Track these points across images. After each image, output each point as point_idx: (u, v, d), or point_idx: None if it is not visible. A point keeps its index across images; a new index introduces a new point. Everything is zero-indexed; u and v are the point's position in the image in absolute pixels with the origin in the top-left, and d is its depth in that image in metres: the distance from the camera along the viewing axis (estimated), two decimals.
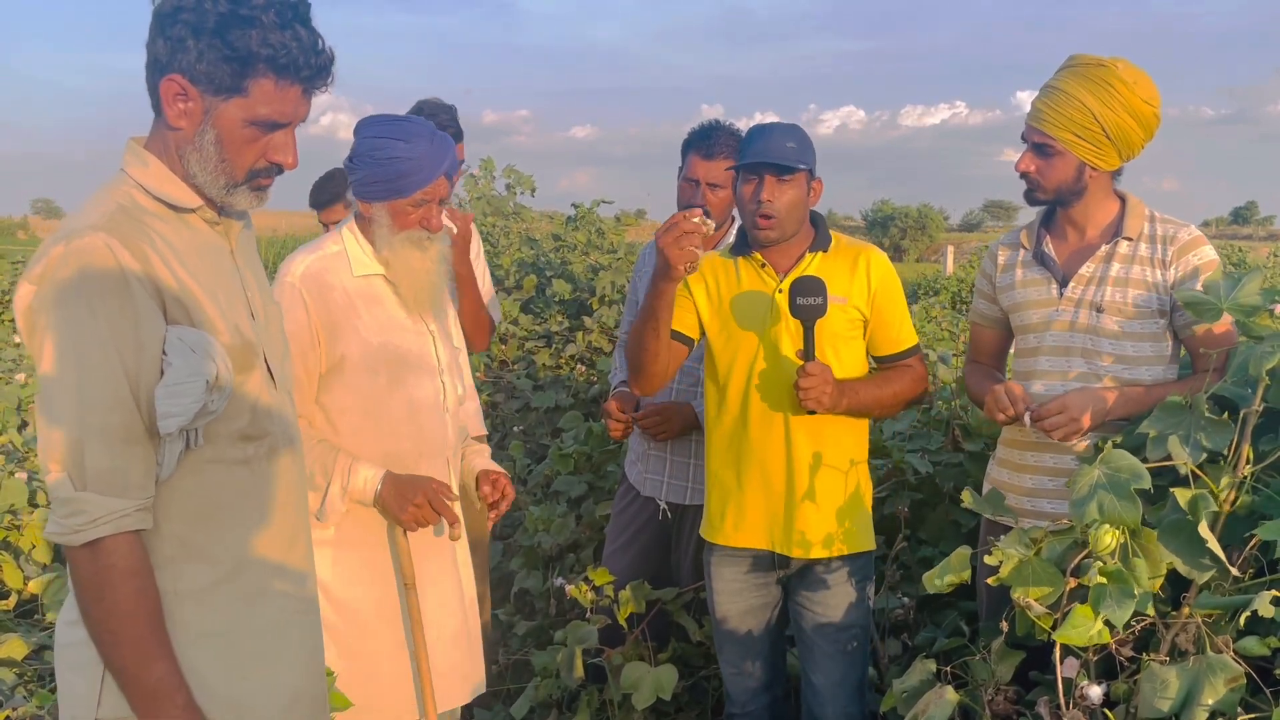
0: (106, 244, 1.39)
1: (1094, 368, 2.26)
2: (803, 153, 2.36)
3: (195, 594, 1.50)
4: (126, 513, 1.40)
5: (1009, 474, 2.40)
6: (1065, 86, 2.22)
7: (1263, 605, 1.51)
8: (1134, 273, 2.26)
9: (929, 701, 1.83)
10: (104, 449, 1.38)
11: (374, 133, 2.21)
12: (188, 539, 1.49)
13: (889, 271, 2.46)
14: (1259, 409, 1.72)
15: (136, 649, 1.41)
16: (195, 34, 1.43)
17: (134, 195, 1.49)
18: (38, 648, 3.15)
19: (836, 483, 2.41)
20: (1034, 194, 2.33)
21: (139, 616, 1.41)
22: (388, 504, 2.19)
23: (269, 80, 1.47)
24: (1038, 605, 1.68)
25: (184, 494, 1.48)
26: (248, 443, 1.55)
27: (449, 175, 2.24)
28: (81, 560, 1.39)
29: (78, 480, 1.37)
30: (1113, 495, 1.66)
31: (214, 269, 1.55)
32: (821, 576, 2.43)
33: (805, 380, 2.24)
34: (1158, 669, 1.58)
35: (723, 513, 2.49)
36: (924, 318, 7.12)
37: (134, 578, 1.41)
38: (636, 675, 2.73)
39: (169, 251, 1.46)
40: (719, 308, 2.47)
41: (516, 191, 6.04)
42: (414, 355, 2.27)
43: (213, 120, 1.48)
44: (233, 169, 1.52)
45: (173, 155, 1.51)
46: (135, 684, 1.42)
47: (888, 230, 49.21)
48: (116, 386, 1.39)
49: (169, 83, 1.46)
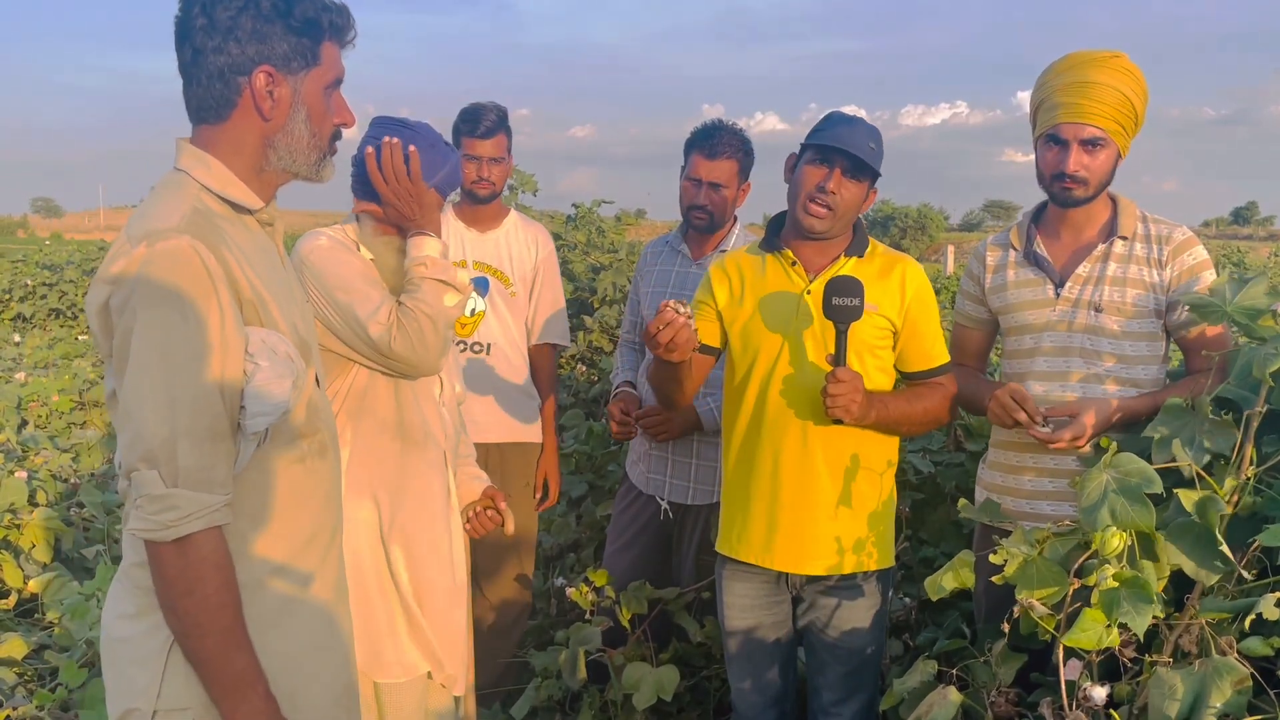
0: (192, 246, 1.42)
1: (1093, 368, 2.25)
2: (878, 157, 2.25)
3: (255, 585, 1.53)
4: (215, 508, 1.43)
5: (1003, 476, 2.37)
6: (1099, 78, 2.18)
7: (1268, 608, 1.50)
8: (1131, 272, 2.25)
9: (932, 702, 1.83)
10: (194, 447, 1.41)
11: (376, 133, 2.22)
12: (248, 533, 1.53)
13: (925, 285, 2.32)
14: (1262, 411, 1.72)
15: (222, 641, 1.44)
16: (269, 21, 1.49)
17: (203, 198, 1.52)
18: (38, 647, 3.15)
19: (856, 497, 2.28)
20: (1075, 194, 2.24)
21: (226, 609, 1.44)
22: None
23: (330, 44, 1.57)
24: (1041, 606, 1.67)
25: (248, 489, 1.52)
26: (303, 440, 1.59)
27: (442, 189, 2.23)
28: (170, 556, 1.41)
29: (169, 477, 1.40)
30: (1124, 499, 1.65)
31: (271, 269, 1.59)
32: (836, 593, 2.32)
33: (834, 386, 2.10)
34: (1164, 674, 1.57)
35: (733, 523, 2.38)
36: None
37: (220, 570, 1.44)
38: (638, 675, 2.73)
39: (240, 254, 1.50)
40: (741, 306, 2.35)
41: (518, 191, 6.03)
42: None
43: (302, 98, 1.55)
44: (321, 140, 1.59)
45: (250, 152, 1.55)
46: (220, 675, 1.45)
47: (888, 230, 49.18)
48: (205, 386, 1.42)
49: (259, 77, 1.50)
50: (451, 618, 2.35)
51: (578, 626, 2.88)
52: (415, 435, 2.26)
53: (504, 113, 3.14)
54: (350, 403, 2.22)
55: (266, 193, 1.61)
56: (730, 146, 2.91)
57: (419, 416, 2.27)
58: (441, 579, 2.31)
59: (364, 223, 2.25)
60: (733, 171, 2.94)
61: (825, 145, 2.22)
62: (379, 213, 2.22)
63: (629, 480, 3.14)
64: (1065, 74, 2.23)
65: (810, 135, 2.28)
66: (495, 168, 3.10)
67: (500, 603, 3.23)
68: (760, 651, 2.42)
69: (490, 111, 3.10)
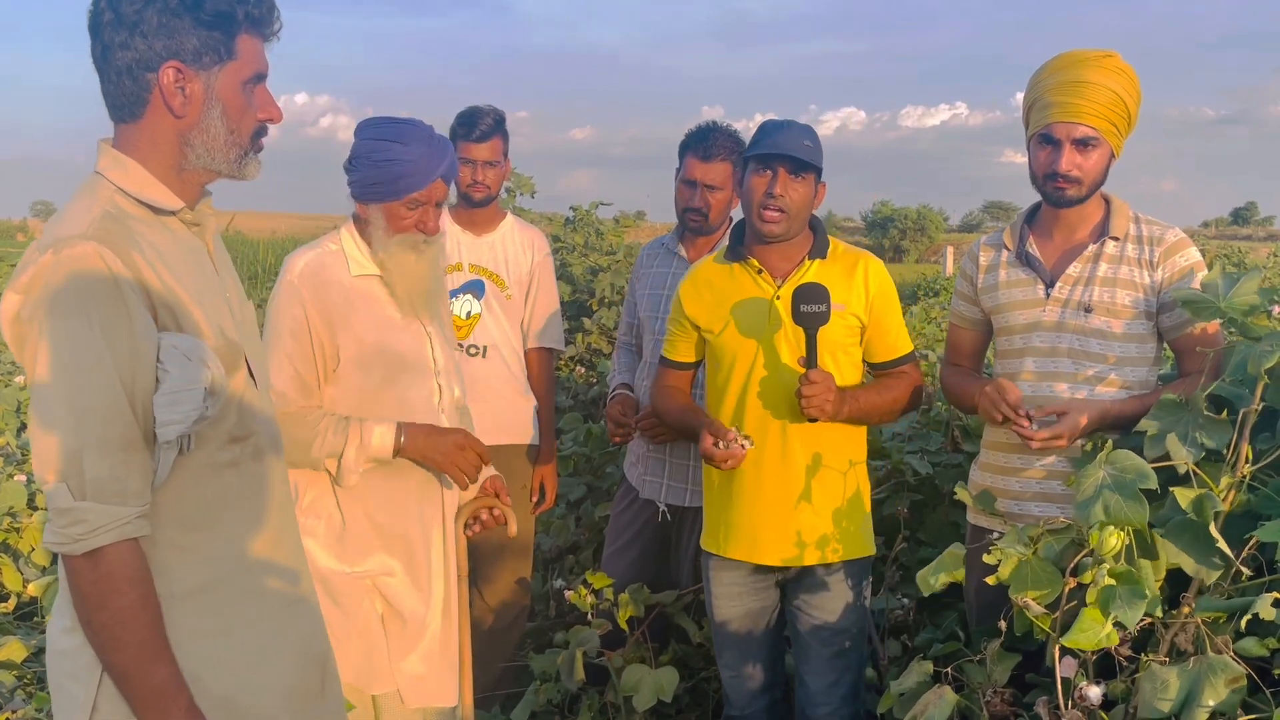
0: (98, 252, 1.38)
1: (1082, 368, 2.25)
2: (816, 152, 2.35)
3: (188, 596, 1.50)
4: (127, 520, 1.39)
5: (993, 477, 2.38)
6: (1091, 77, 2.18)
7: (1264, 608, 1.50)
8: (1121, 273, 2.25)
9: (928, 702, 1.83)
10: (103, 458, 1.37)
11: (372, 134, 2.21)
12: (180, 542, 1.49)
13: (886, 279, 2.44)
14: (1258, 408, 1.72)
15: (140, 654, 1.41)
16: (176, 15, 1.44)
17: (117, 200, 1.48)
18: (37, 650, 3.15)
19: (835, 489, 2.39)
20: (1068, 194, 2.24)
21: (142, 622, 1.41)
22: (422, 451, 2.21)
23: (248, 37, 1.51)
24: (1036, 605, 1.67)
25: (176, 499, 1.48)
26: (235, 444, 1.55)
27: (446, 178, 2.24)
28: (83, 569, 1.39)
29: (77, 490, 1.37)
30: (1119, 495, 1.65)
31: (196, 272, 1.55)
32: (819, 580, 2.42)
33: (808, 388, 2.22)
34: (1158, 669, 1.58)
35: (719, 522, 2.48)
36: (924, 318, 7.12)
37: (136, 585, 1.41)
38: (637, 677, 2.73)
39: (155, 257, 1.46)
40: (715, 315, 2.45)
41: (516, 194, 6.04)
42: (410, 356, 2.27)
43: (216, 94, 1.49)
44: (241, 137, 1.53)
45: (166, 150, 1.50)
46: (139, 688, 1.42)
47: (887, 231, 49.17)
48: (114, 395, 1.38)
49: (167, 73, 1.46)
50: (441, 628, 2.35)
51: (576, 629, 2.88)
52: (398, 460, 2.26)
53: (501, 117, 3.14)
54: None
55: (190, 192, 1.56)
56: (725, 148, 2.92)
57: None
58: (435, 590, 2.32)
59: (373, 225, 2.24)
60: (728, 173, 2.94)
61: (764, 154, 2.33)
62: (388, 210, 2.21)
63: (627, 482, 3.14)
64: (1058, 73, 2.23)
65: (749, 148, 2.41)
66: (490, 171, 3.11)
67: (499, 605, 3.23)
68: (749, 639, 2.52)
69: (486, 115, 3.11)
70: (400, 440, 2.19)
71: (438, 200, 2.24)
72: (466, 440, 2.24)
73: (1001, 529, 2.08)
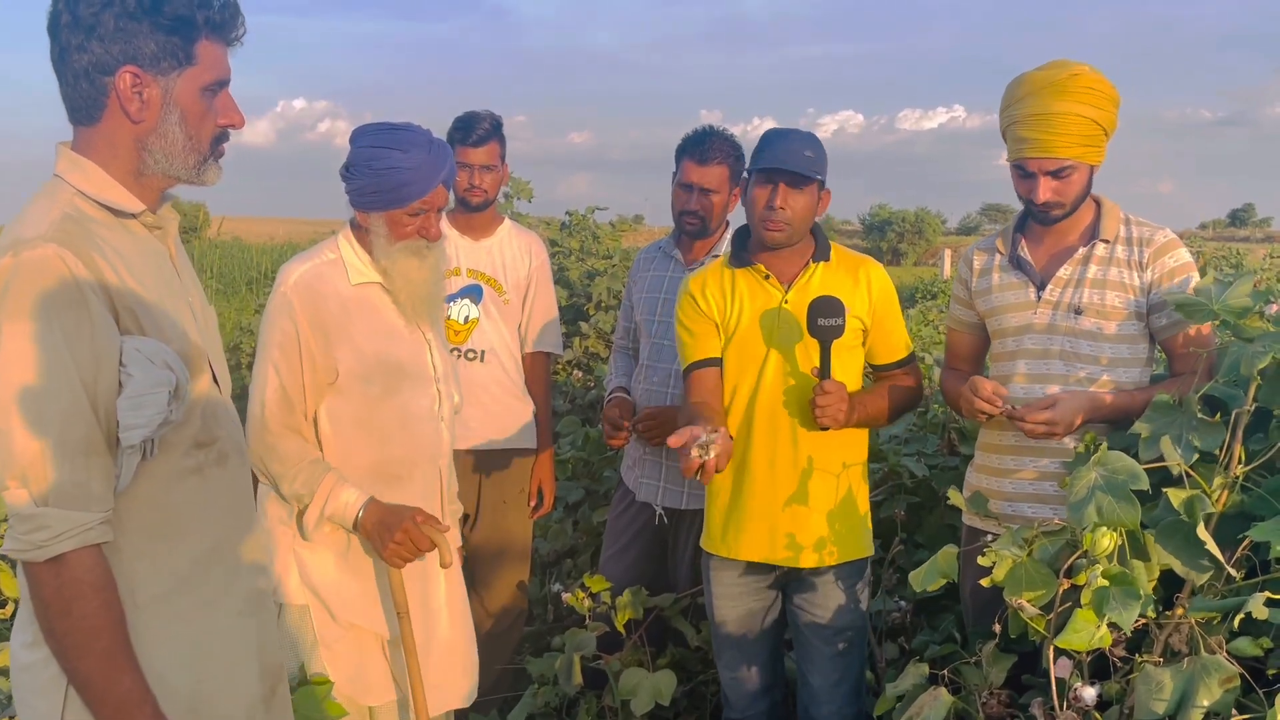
0: (59, 254, 1.36)
1: (1072, 370, 2.26)
2: (818, 163, 2.37)
3: (152, 602, 1.48)
4: (90, 526, 1.37)
5: (986, 479, 2.39)
6: (1058, 108, 2.17)
7: (1256, 607, 1.51)
8: (1111, 275, 2.25)
9: (924, 704, 1.84)
10: (65, 463, 1.35)
11: (370, 142, 2.18)
12: (144, 549, 1.48)
13: (887, 283, 2.50)
14: (1251, 409, 1.73)
15: (104, 663, 1.39)
16: (134, 19, 1.42)
17: (77, 203, 1.46)
18: None
19: (835, 491, 2.41)
20: (1052, 214, 2.27)
21: (105, 630, 1.39)
22: (369, 534, 2.16)
23: (209, 43, 1.49)
24: (1031, 607, 1.68)
25: (139, 504, 1.46)
26: (199, 449, 1.53)
27: (447, 184, 2.24)
28: (45, 576, 1.36)
29: (38, 495, 1.35)
30: (1111, 497, 1.65)
31: (157, 274, 1.53)
32: (818, 581, 2.44)
33: (822, 399, 2.26)
34: (1152, 670, 1.58)
35: (722, 524, 2.49)
36: (921, 321, 7.13)
37: (99, 592, 1.38)
38: (635, 681, 2.73)
39: (117, 259, 1.44)
40: (725, 320, 2.47)
41: (514, 198, 6.05)
42: (410, 364, 2.27)
43: (174, 100, 1.47)
44: (199, 143, 1.51)
45: (125, 154, 1.49)
46: (103, 698, 1.40)
47: (885, 234, 49.17)
48: (75, 399, 1.36)
49: (124, 77, 1.44)
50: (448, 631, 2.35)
51: (574, 632, 2.87)
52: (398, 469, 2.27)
53: (497, 121, 3.14)
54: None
55: (150, 195, 1.53)
56: (721, 152, 2.92)
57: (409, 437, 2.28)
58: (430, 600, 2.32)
59: (374, 233, 2.23)
60: (724, 177, 2.94)
61: (765, 168, 2.35)
62: (390, 218, 2.20)
63: (624, 485, 3.14)
64: (1025, 103, 2.21)
65: (753, 160, 2.43)
66: (488, 175, 3.11)
67: (497, 609, 3.23)
68: (748, 641, 2.53)
69: (483, 120, 3.11)
70: (359, 515, 2.16)
71: (439, 206, 2.23)
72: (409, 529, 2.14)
73: (996, 530, 2.08)
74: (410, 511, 2.16)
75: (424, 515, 2.17)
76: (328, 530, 2.20)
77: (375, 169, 2.16)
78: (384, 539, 2.14)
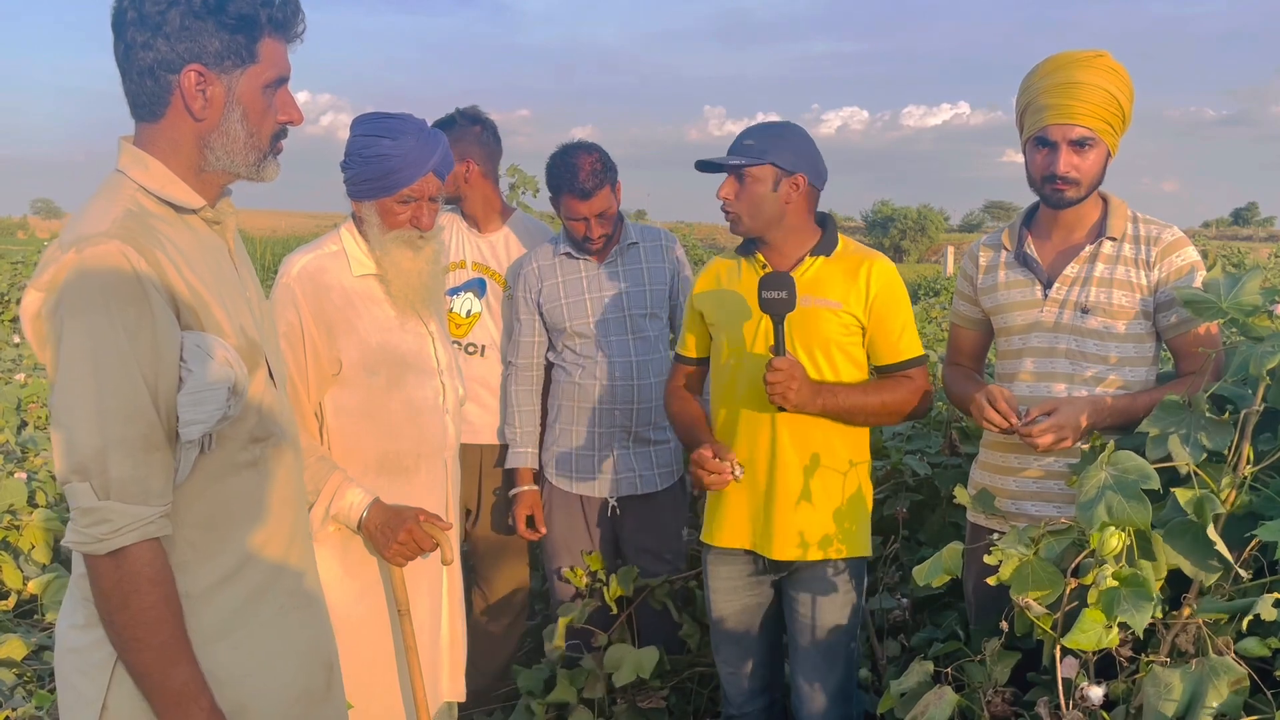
0: (122, 251, 1.38)
1: (1079, 369, 2.24)
2: (761, 149, 2.31)
3: (204, 595, 1.50)
4: (150, 520, 1.39)
5: (991, 476, 2.38)
6: (1083, 78, 2.17)
7: (1265, 609, 1.50)
8: (1118, 273, 2.24)
9: (929, 702, 1.83)
10: (126, 458, 1.37)
11: (362, 130, 2.21)
12: (198, 542, 1.49)
13: (891, 281, 2.40)
14: (1259, 409, 1.72)
15: (161, 654, 1.41)
16: (199, 17, 1.43)
17: (139, 199, 1.47)
18: (37, 648, 3.15)
19: (825, 487, 2.38)
20: (1066, 195, 2.23)
21: (164, 622, 1.41)
22: (372, 535, 2.17)
23: (271, 40, 1.50)
24: (1037, 605, 1.67)
25: (195, 498, 1.48)
26: (255, 444, 1.55)
27: (439, 173, 2.23)
28: (105, 569, 1.38)
29: (100, 489, 1.36)
30: (1121, 496, 1.64)
31: (217, 270, 1.55)
32: (810, 579, 2.41)
33: (772, 374, 2.22)
34: (1160, 672, 1.57)
35: (715, 512, 2.49)
36: (924, 318, 7.11)
37: (158, 585, 1.40)
38: (619, 655, 2.82)
39: (178, 255, 1.46)
40: (718, 307, 2.49)
41: (520, 191, 6.03)
42: (413, 356, 2.27)
43: (237, 97, 1.49)
44: (260, 140, 1.53)
45: (187, 151, 1.50)
46: (160, 689, 1.42)
47: (888, 231, 49.13)
48: (137, 395, 1.37)
49: (189, 76, 1.45)
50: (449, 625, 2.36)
51: (565, 605, 2.96)
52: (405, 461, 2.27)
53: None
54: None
55: (210, 191, 1.55)
56: (596, 178, 2.82)
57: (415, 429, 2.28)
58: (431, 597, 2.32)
59: (367, 222, 2.23)
60: (608, 195, 2.88)
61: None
62: (381, 207, 2.20)
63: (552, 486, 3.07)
64: (1050, 75, 2.21)
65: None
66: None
67: (497, 605, 3.23)
68: (746, 636, 2.53)
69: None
70: (363, 515, 2.17)
71: (431, 195, 2.23)
72: (412, 529, 2.16)
73: (1001, 528, 2.07)
74: (413, 512, 2.17)
75: (426, 515, 2.18)
76: (330, 529, 2.20)
77: (365, 157, 2.17)
78: (387, 540, 2.15)
